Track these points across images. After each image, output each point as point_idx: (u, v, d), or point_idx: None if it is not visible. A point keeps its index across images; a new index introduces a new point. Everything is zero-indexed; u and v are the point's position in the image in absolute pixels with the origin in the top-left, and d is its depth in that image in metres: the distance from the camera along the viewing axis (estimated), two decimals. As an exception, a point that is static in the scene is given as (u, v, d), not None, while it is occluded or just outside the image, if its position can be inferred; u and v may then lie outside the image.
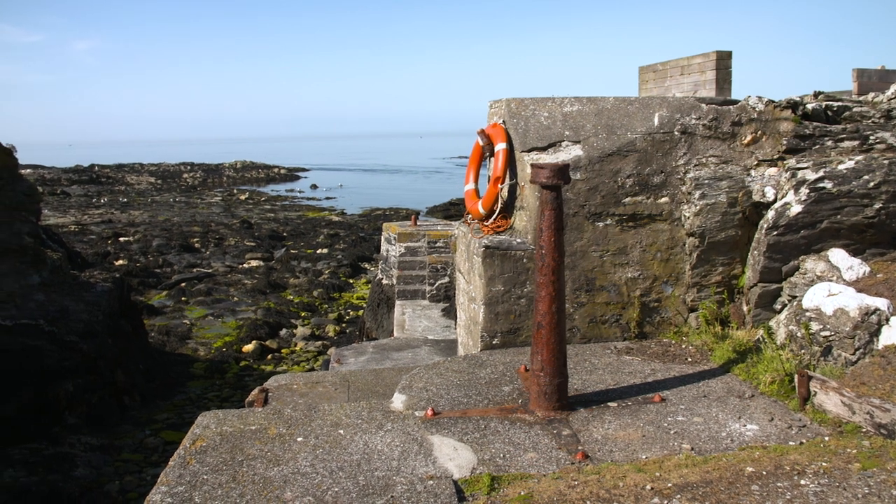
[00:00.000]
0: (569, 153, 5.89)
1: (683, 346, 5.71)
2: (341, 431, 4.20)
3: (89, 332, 12.80)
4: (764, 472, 3.50)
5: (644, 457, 3.85)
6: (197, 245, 31.76)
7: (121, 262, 26.84)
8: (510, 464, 3.79)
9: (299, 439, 4.10)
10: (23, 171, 15.24)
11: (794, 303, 5.30)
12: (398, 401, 4.66)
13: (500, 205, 6.17)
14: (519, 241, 5.89)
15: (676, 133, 5.99)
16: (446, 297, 12.97)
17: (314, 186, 70.15)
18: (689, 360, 5.40)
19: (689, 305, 6.04)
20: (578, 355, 5.52)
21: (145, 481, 10.41)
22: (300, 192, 65.47)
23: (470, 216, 6.65)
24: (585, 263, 5.92)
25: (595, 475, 3.58)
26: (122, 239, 32.89)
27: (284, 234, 35.55)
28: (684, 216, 5.94)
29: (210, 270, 26.23)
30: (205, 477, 3.65)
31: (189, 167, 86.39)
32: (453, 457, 3.86)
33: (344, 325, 19.68)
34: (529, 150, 5.93)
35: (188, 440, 4.11)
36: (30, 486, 9.72)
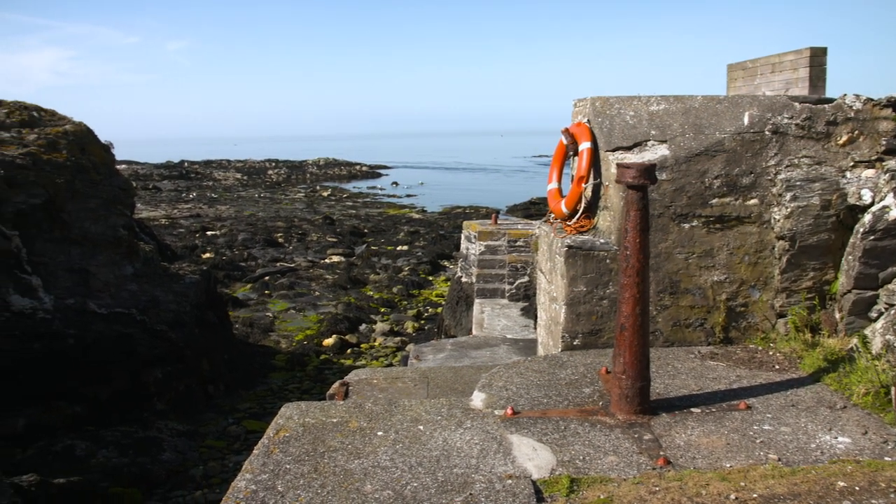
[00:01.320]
0: (655, 153, 5.78)
1: (771, 353, 5.53)
2: (421, 427, 4.23)
3: (178, 322, 13.29)
4: (857, 488, 3.36)
5: (728, 465, 3.75)
6: (280, 240, 32.53)
7: (208, 255, 27.73)
8: (590, 466, 3.75)
9: (379, 433, 4.15)
10: (118, 166, 15.89)
11: (892, 311, 5.07)
12: (478, 399, 4.67)
13: (583, 204, 6.11)
14: (602, 241, 5.82)
15: (767, 133, 5.80)
16: (525, 297, 12.92)
17: (395, 184, 70.90)
18: (777, 367, 5.24)
19: (777, 311, 5.85)
20: (661, 359, 5.42)
21: (227, 468, 10.75)
22: (381, 189, 66.27)
23: (552, 215, 6.60)
24: (670, 265, 5.80)
25: (677, 482, 3.50)
26: (209, 233, 33.97)
27: (365, 231, 36.08)
28: (774, 219, 5.76)
29: (293, 265, 26.83)
30: (287, 466, 3.74)
31: (273, 164, 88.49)
32: (532, 457, 3.85)
33: (423, 321, 19.84)
34: (614, 150, 5.85)
35: (272, 430, 4.21)
36: (121, 467, 10.18)
